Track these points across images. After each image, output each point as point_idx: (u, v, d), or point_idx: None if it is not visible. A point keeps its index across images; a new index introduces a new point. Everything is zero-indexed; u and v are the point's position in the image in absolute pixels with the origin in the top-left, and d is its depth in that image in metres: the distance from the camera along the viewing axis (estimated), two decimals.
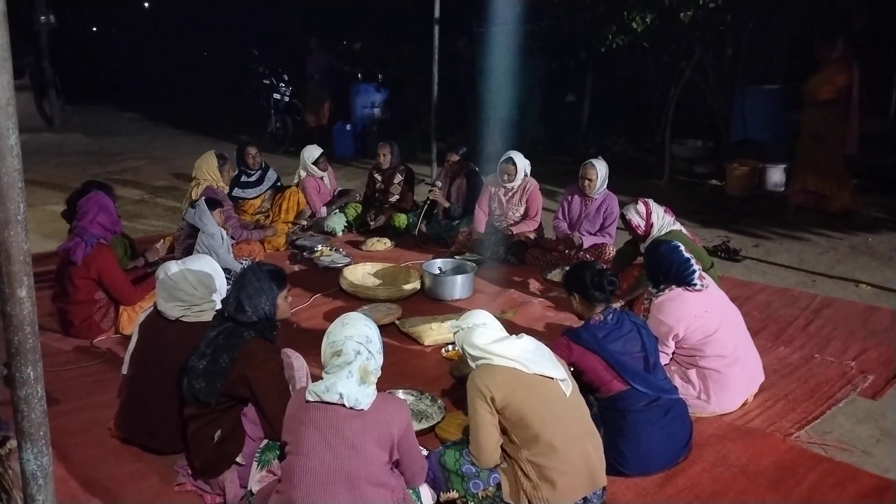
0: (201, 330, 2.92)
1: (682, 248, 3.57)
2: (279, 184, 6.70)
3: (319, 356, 2.52)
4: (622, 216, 4.56)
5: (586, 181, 5.53)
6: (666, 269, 3.50)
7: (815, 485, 2.96)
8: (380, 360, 2.50)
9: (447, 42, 8.85)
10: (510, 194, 5.90)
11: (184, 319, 3.14)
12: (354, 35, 12.84)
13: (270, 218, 6.42)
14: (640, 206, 4.39)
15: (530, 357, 2.66)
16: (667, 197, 4.78)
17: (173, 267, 3.20)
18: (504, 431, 2.63)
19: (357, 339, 2.44)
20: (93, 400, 3.60)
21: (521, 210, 5.89)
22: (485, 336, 2.72)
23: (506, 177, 5.81)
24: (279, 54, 12.21)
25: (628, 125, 10.98)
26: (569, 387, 2.69)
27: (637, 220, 4.39)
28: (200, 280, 3.17)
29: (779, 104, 9.08)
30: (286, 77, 11.44)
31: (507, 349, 2.67)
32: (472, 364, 2.75)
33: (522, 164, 5.80)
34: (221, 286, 3.26)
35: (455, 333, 2.84)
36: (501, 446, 2.65)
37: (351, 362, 2.39)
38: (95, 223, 4.30)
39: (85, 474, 3.01)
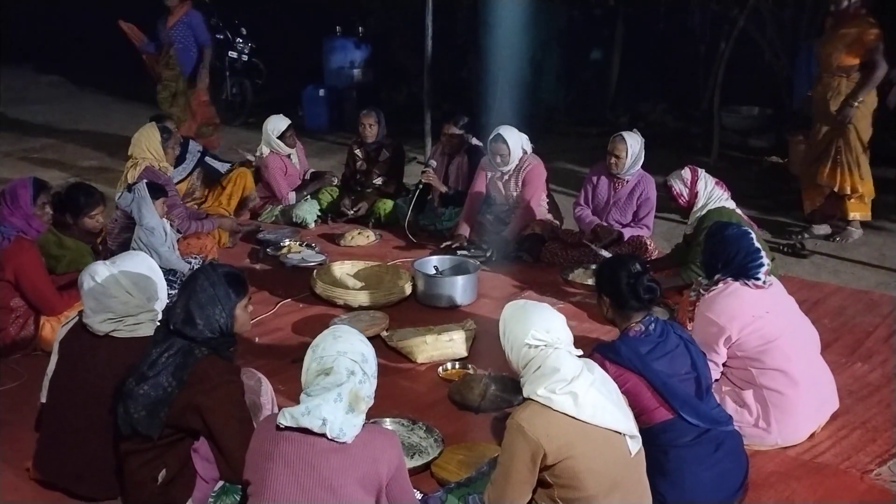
0: (137, 347, 2.91)
1: (754, 235, 3.63)
2: (207, 158, 6.72)
3: (285, 378, 2.51)
4: (665, 185, 4.81)
5: (614, 158, 5.53)
6: (729, 256, 3.52)
7: None
8: (374, 385, 2.48)
9: None
10: (506, 177, 5.90)
11: (115, 335, 3.10)
12: None
13: (207, 204, 6.42)
14: (686, 172, 4.73)
15: (601, 403, 2.55)
16: (716, 177, 4.80)
17: (101, 270, 3.13)
18: (543, 486, 2.56)
19: (352, 356, 2.42)
20: (6, 433, 3.59)
21: (519, 194, 5.90)
22: (569, 366, 2.57)
23: (498, 159, 5.82)
24: (236, 3, 12.17)
25: (668, 89, 10.98)
26: (637, 445, 2.64)
27: (679, 188, 4.68)
28: (136, 284, 3.14)
29: None
30: (244, 31, 11.41)
31: (586, 395, 2.51)
32: (521, 382, 2.64)
33: (516, 141, 5.80)
34: (162, 291, 3.24)
35: (507, 319, 2.71)
36: (535, 501, 2.60)
37: (342, 384, 2.37)
38: (8, 212, 4.34)
39: None
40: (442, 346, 4.34)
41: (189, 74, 8.25)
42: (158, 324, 3.02)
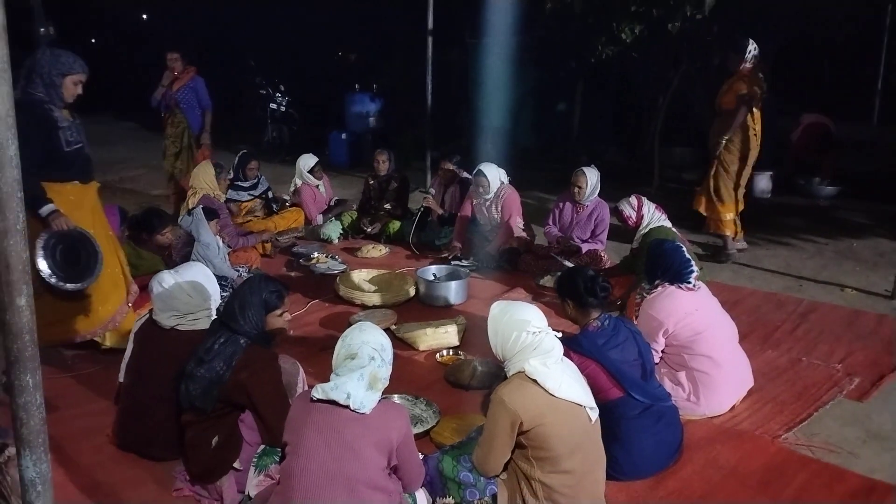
0: (196, 338, 2.90)
1: (686, 249, 3.66)
2: (270, 192, 6.74)
3: (315, 362, 2.51)
4: (616, 209, 4.84)
5: (577, 188, 5.55)
6: (666, 266, 3.53)
7: (803, 486, 2.96)
8: (389, 370, 2.49)
9: (440, 53, 8.87)
10: (488, 203, 5.92)
11: (178, 328, 3.12)
12: (349, 46, 12.87)
13: (260, 225, 6.45)
14: (633, 199, 4.77)
15: (567, 381, 2.56)
16: (656, 203, 4.83)
17: (167, 277, 3.16)
18: (519, 447, 2.56)
19: (373, 345, 2.44)
20: (91, 406, 3.58)
21: (499, 218, 5.91)
22: (557, 346, 2.60)
23: (480, 189, 5.83)
24: (276, 65, 12.22)
25: (618, 133, 11.02)
26: (595, 414, 2.63)
27: (629, 211, 4.73)
28: (195, 288, 3.15)
29: (764, 113, 9.12)
30: (282, 87, 11.46)
31: (559, 378, 2.52)
32: (506, 365, 2.63)
33: (494, 174, 5.81)
34: (216, 293, 3.24)
35: (496, 316, 2.66)
36: (513, 460, 2.59)
37: (364, 366, 2.39)
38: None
39: (83, 480, 2.99)
40: (439, 337, 4.33)
41: (197, 133, 7.40)
42: (213, 319, 3.01)
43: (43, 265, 3.65)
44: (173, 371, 2.86)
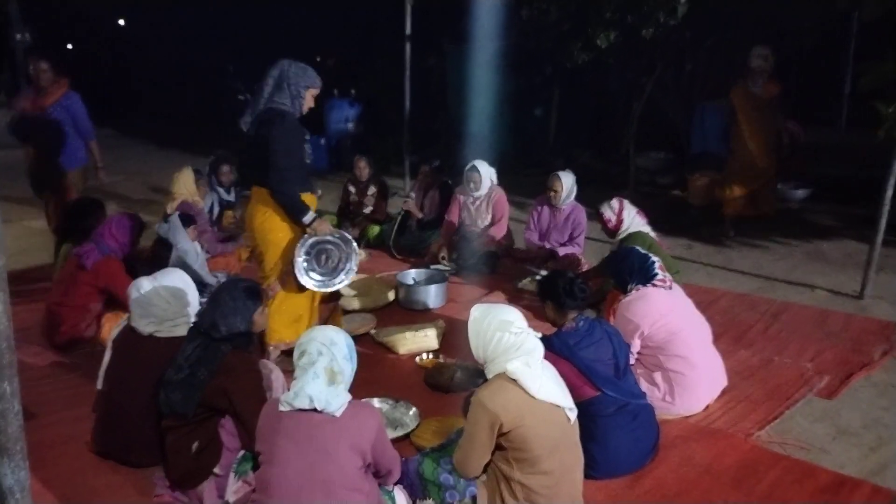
0: (175, 345, 2.89)
1: (637, 247, 3.71)
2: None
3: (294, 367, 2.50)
4: (597, 212, 4.76)
5: (553, 192, 5.58)
6: (629, 269, 3.57)
7: (776, 482, 3.00)
8: (346, 365, 2.46)
9: (419, 59, 8.89)
10: (477, 202, 5.92)
11: (157, 335, 3.08)
12: (328, 51, 12.85)
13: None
14: (615, 202, 4.66)
15: (546, 384, 2.56)
16: (637, 208, 4.86)
17: (145, 283, 3.13)
18: (499, 448, 2.55)
19: (320, 340, 2.44)
20: (69, 413, 3.53)
21: (489, 218, 5.92)
22: (539, 346, 2.60)
23: (472, 185, 5.84)
24: (255, 70, 12.16)
25: (594, 138, 11.10)
26: (573, 415, 2.63)
27: (609, 215, 4.64)
28: (174, 294, 3.12)
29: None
30: None
31: (539, 379, 2.52)
32: (486, 366, 2.62)
33: (487, 172, 5.83)
34: (195, 300, 3.21)
35: (478, 319, 2.65)
36: (493, 462, 2.59)
37: (314, 362, 2.39)
38: (110, 236, 4.34)
39: (62, 487, 2.95)
40: (419, 341, 4.32)
41: (72, 167, 5.58)
42: (192, 325, 2.99)
43: (311, 271, 3.79)
44: (152, 378, 2.83)
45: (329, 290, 3.87)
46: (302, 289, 3.82)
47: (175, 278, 3.20)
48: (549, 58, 9.28)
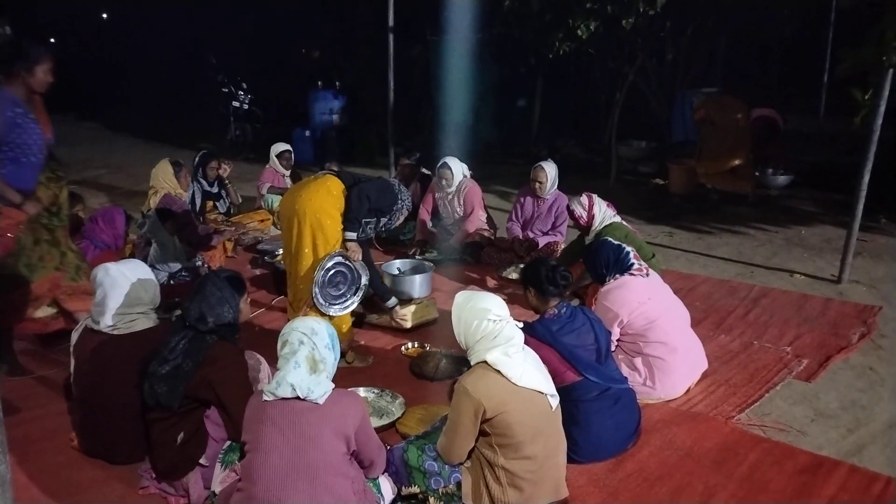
0: (136, 339, 2.88)
1: (609, 239, 3.73)
2: (224, 198, 6.73)
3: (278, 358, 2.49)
4: (568, 208, 4.74)
5: (537, 183, 5.58)
6: (605, 261, 3.59)
7: (756, 464, 3.03)
8: (328, 354, 2.46)
9: (402, 49, 8.84)
10: (450, 197, 5.92)
11: (115, 332, 3.00)
12: (312, 43, 12.75)
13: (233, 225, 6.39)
14: (584, 199, 4.61)
15: (528, 371, 2.57)
16: (614, 195, 4.87)
17: (112, 266, 3.05)
18: (483, 435, 2.56)
19: (302, 330, 2.45)
20: (52, 407, 3.49)
21: (462, 210, 5.92)
22: (518, 335, 2.61)
23: (444, 182, 5.83)
24: (238, 62, 12.05)
25: (577, 128, 11.13)
26: (556, 401, 2.64)
27: (580, 211, 4.60)
28: (141, 283, 3.05)
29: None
30: (245, 85, 11.30)
31: (520, 367, 2.53)
32: (469, 354, 2.63)
33: (458, 168, 5.82)
34: (156, 296, 3.13)
35: (460, 304, 2.67)
36: (477, 448, 2.60)
37: (296, 352, 2.40)
38: (101, 230, 4.35)
39: (47, 481, 2.92)
40: (422, 311, 4.45)
41: None
42: (176, 318, 2.95)
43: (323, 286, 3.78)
44: (122, 376, 2.81)
45: (325, 312, 3.80)
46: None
47: (142, 270, 3.13)
48: (532, 48, 9.26)
